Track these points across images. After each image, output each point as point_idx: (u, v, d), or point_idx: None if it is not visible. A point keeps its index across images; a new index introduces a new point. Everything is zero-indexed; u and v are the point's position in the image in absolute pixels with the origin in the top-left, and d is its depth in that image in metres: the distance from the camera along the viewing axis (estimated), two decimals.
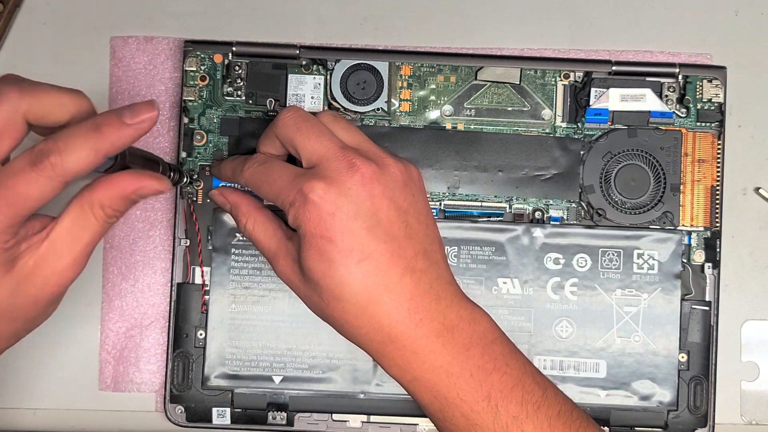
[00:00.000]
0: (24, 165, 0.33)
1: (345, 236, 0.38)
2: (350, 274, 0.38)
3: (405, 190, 0.40)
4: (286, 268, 0.41)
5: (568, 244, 0.46)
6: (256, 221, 0.42)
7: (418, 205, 0.40)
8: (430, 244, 0.40)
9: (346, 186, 0.38)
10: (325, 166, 0.39)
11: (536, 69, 0.47)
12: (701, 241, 0.46)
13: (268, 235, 0.42)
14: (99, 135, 0.34)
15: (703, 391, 0.46)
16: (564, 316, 0.46)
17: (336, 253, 0.38)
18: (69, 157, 0.33)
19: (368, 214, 0.38)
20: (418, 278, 0.39)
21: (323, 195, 0.38)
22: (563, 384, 0.45)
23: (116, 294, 0.48)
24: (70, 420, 0.48)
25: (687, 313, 0.46)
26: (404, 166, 0.40)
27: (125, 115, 0.34)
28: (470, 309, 0.39)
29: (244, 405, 0.46)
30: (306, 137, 0.40)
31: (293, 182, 0.39)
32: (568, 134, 0.47)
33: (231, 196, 0.44)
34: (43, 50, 0.49)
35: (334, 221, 0.38)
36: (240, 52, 0.47)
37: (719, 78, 0.46)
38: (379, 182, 0.39)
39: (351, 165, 0.39)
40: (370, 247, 0.38)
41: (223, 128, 0.46)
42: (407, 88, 0.47)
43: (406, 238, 0.39)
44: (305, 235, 0.38)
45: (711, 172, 0.46)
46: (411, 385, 0.39)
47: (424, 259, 0.39)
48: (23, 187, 0.33)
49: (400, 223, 0.39)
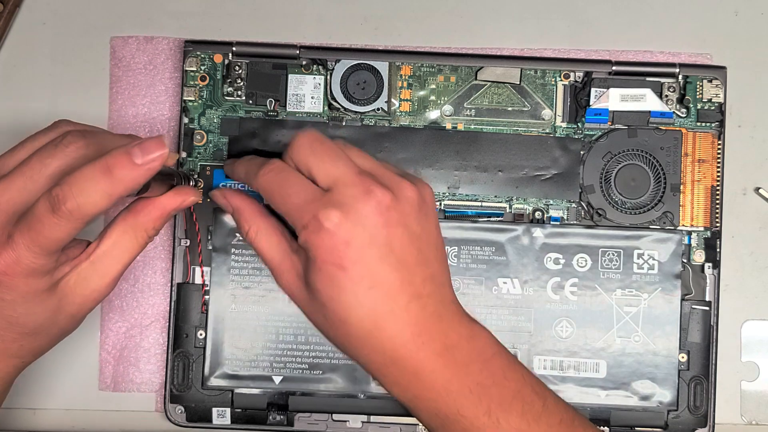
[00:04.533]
0: (45, 211, 0.34)
1: (357, 265, 0.37)
2: (358, 301, 0.37)
3: (419, 215, 0.39)
4: (291, 283, 0.40)
5: (568, 244, 0.46)
6: (260, 229, 0.41)
7: (429, 227, 0.40)
8: (438, 267, 0.40)
9: (361, 214, 0.38)
10: (341, 191, 0.38)
11: (536, 69, 0.47)
12: (701, 241, 0.46)
13: (272, 246, 0.41)
14: (111, 179, 0.34)
15: (703, 391, 0.46)
16: (564, 316, 0.46)
17: (347, 281, 0.37)
18: (84, 203, 0.34)
19: (382, 242, 0.38)
20: (424, 303, 0.38)
21: (339, 224, 0.37)
22: (563, 384, 0.45)
23: (116, 294, 0.48)
24: (70, 420, 0.48)
25: (687, 313, 0.46)
26: (418, 188, 0.40)
27: (136, 154, 0.34)
28: (469, 326, 0.39)
29: (244, 405, 0.46)
30: (321, 160, 0.39)
31: (309, 204, 0.38)
32: (568, 134, 0.47)
33: (234, 199, 0.42)
34: (43, 50, 0.49)
35: (348, 250, 0.37)
36: (240, 52, 0.47)
37: (719, 78, 0.46)
38: (395, 210, 0.38)
39: (367, 191, 0.38)
40: (381, 276, 0.38)
41: (223, 128, 0.46)
42: (407, 88, 0.47)
43: (416, 264, 0.39)
44: (316, 260, 0.38)
45: (711, 172, 0.46)
46: (411, 403, 0.39)
47: (431, 283, 0.39)
48: (48, 231, 0.34)
49: (412, 249, 0.39)
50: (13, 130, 0.48)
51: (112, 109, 0.48)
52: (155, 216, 0.39)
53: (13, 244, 0.34)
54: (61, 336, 0.39)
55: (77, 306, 0.38)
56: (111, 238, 0.39)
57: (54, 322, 0.38)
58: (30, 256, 0.35)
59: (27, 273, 0.35)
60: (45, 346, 0.39)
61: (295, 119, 0.46)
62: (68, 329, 0.39)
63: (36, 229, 0.34)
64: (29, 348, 0.38)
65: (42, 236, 0.34)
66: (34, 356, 0.39)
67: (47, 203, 0.34)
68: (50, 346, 0.40)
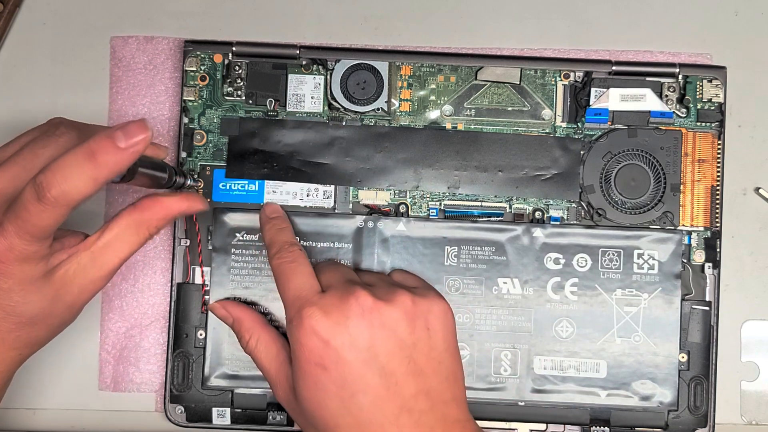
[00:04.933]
0: (30, 198, 0.34)
1: (339, 366, 0.37)
2: (345, 407, 0.37)
3: (412, 324, 0.39)
4: (288, 394, 0.40)
5: (568, 244, 0.46)
6: (260, 339, 0.42)
7: (432, 341, 0.39)
8: (441, 383, 0.39)
9: (344, 315, 0.38)
10: (330, 293, 0.39)
11: (536, 69, 0.47)
12: (701, 241, 0.46)
13: (271, 357, 0.41)
14: (95, 164, 0.34)
15: (704, 391, 0.46)
16: (564, 316, 0.46)
17: (330, 383, 0.37)
18: (70, 189, 0.34)
19: (365, 346, 0.38)
20: (417, 419, 0.37)
21: (320, 321, 0.38)
22: (563, 384, 0.45)
23: (116, 294, 0.48)
24: (70, 420, 0.48)
25: (687, 313, 0.46)
26: (419, 298, 0.39)
27: (119, 138, 0.34)
28: None
29: (244, 405, 0.46)
30: (325, 270, 0.41)
31: (299, 300, 0.39)
32: (568, 134, 0.47)
33: (234, 310, 0.43)
34: (43, 50, 0.49)
35: (328, 350, 0.37)
36: (240, 52, 0.47)
37: (719, 78, 0.46)
38: (379, 312, 0.38)
39: (350, 293, 0.39)
40: (364, 381, 0.37)
41: (223, 128, 0.46)
42: (407, 88, 0.47)
43: (407, 374, 0.38)
44: (299, 360, 0.38)
45: (711, 172, 0.46)
46: None
47: (427, 399, 0.38)
48: (36, 218, 0.34)
49: (401, 358, 0.38)
50: (13, 130, 0.48)
51: (112, 109, 0.48)
52: (160, 215, 0.39)
53: (4, 231, 0.34)
54: (58, 327, 0.39)
55: (74, 296, 0.38)
56: (113, 231, 0.38)
57: (51, 312, 0.38)
58: (21, 243, 0.35)
59: (21, 259, 0.35)
60: (42, 338, 0.39)
61: (295, 119, 0.46)
62: (65, 320, 0.39)
63: (23, 217, 0.34)
64: (27, 339, 0.38)
65: (29, 224, 0.34)
66: (31, 349, 0.39)
67: (32, 190, 0.34)
68: (48, 339, 0.40)
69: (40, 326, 0.38)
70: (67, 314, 0.39)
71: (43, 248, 0.36)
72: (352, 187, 0.46)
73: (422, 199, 0.46)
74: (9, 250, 0.35)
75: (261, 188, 0.46)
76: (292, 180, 0.46)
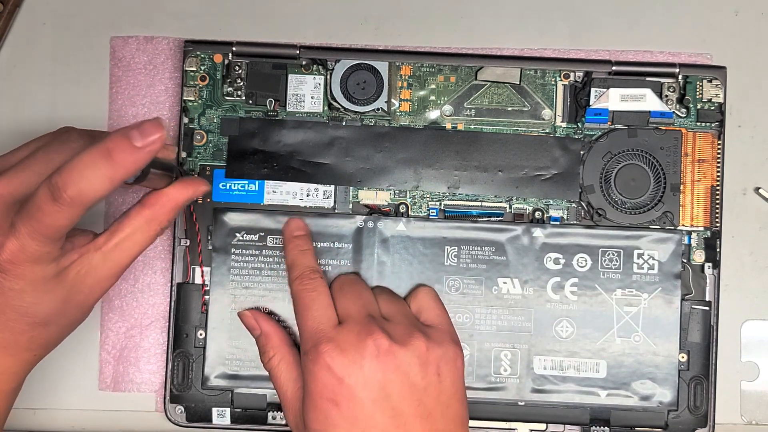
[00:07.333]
0: (45, 198, 0.33)
1: (351, 403, 0.38)
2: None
3: (425, 368, 0.39)
4: (298, 421, 0.40)
5: (568, 244, 0.46)
6: (283, 359, 0.42)
7: (442, 386, 0.40)
8: (447, 425, 0.39)
9: (359, 354, 0.38)
10: (348, 329, 0.39)
11: (536, 69, 0.47)
12: (701, 241, 0.46)
13: (290, 379, 0.42)
14: (111, 163, 0.33)
15: (703, 391, 0.46)
16: (564, 316, 0.46)
17: (341, 419, 0.38)
18: (86, 188, 0.33)
19: (377, 386, 0.38)
20: None
21: (335, 358, 0.38)
22: (563, 384, 0.45)
23: (116, 294, 0.48)
24: (70, 420, 0.48)
25: (687, 313, 0.46)
26: (434, 343, 0.40)
27: (135, 137, 0.33)
28: None
29: (244, 405, 0.46)
30: (345, 296, 0.41)
31: (317, 333, 0.39)
32: (568, 134, 0.47)
33: (264, 324, 0.44)
34: (43, 50, 0.49)
35: (341, 387, 0.38)
36: (240, 52, 0.47)
37: (719, 78, 0.46)
38: (394, 356, 0.39)
39: (368, 333, 0.39)
40: (375, 420, 0.38)
41: (223, 128, 0.46)
42: (407, 88, 0.47)
43: (416, 416, 0.39)
44: (311, 394, 0.39)
45: (711, 172, 0.46)
46: None
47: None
48: (50, 219, 0.34)
49: (411, 400, 0.39)
50: (13, 130, 0.48)
51: (112, 109, 0.48)
52: (169, 208, 0.39)
53: (16, 232, 0.34)
54: (69, 327, 0.39)
55: (85, 295, 0.38)
56: (125, 231, 0.38)
57: (63, 312, 0.38)
58: (34, 244, 0.34)
59: (32, 260, 0.35)
60: (55, 338, 0.39)
61: (295, 119, 0.46)
62: (77, 319, 0.39)
63: (37, 218, 0.34)
64: (39, 340, 0.38)
65: (43, 224, 0.34)
66: (45, 349, 0.39)
67: (47, 191, 0.33)
68: (60, 339, 0.40)
69: (52, 327, 0.38)
70: (78, 314, 0.39)
71: (55, 249, 0.36)
72: (352, 187, 0.46)
73: (422, 199, 0.46)
74: (21, 251, 0.35)
75: (261, 188, 0.46)
76: (292, 180, 0.46)
